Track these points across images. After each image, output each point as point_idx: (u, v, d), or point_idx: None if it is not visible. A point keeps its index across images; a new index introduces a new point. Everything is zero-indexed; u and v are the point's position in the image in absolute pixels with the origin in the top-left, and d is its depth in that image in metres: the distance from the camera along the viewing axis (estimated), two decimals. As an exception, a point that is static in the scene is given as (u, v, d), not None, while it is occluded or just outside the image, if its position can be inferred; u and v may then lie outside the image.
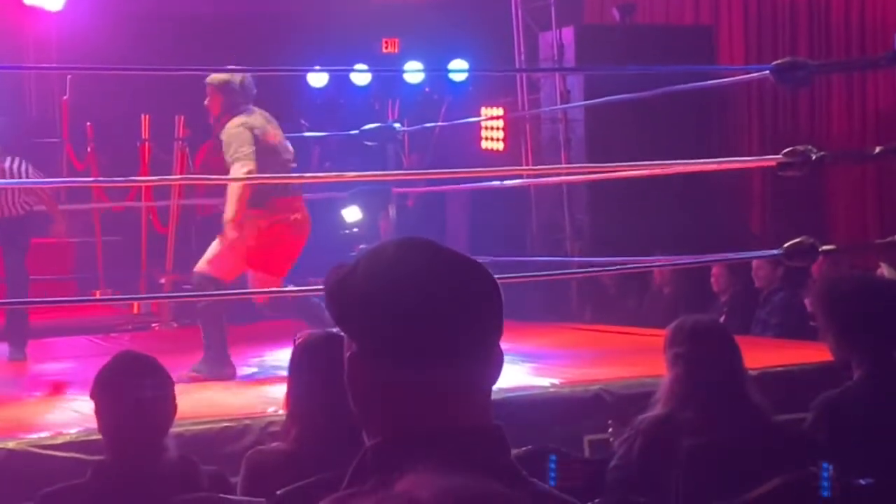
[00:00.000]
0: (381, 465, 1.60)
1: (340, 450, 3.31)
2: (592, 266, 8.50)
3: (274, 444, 3.87)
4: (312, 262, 8.17)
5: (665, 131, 9.28)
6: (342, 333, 1.67)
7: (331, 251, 8.73)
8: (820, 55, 10.04)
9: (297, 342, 3.93)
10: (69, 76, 11.15)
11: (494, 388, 1.68)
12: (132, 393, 3.52)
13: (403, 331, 1.59)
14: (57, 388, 6.79)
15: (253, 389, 6.48)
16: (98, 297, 10.32)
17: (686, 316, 4.52)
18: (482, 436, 1.63)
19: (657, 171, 7.50)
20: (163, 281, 10.32)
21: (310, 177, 6.68)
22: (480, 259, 1.66)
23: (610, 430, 5.32)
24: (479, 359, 1.62)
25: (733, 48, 10.84)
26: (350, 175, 6.93)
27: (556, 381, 6.29)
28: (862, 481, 3.90)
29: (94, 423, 3.79)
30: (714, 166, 7.67)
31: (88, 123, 10.84)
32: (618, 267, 8.19)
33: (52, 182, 9.39)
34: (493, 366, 1.64)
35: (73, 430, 5.26)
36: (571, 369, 6.72)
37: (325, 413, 3.51)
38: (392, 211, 9.76)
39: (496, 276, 1.67)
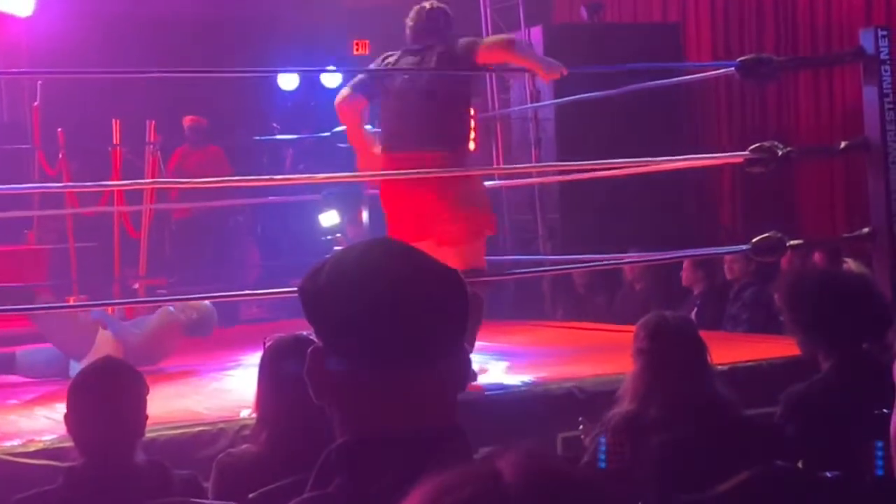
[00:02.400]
0: (344, 466, 1.62)
1: (311, 452, 3.33)
2: (562, 265, 8.53)
3: (244, 447, 3.88)
4: (291, 264, 8.20)
5: (635, 129, 9.32)
6: (310, 335, 1.70)
7: (310, 255, 8.76)
8: (787, 51, 10.10)
9: (265, 345, 3.94)
10: (40, 82, 11.12)
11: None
12: (103, 398, 3.55)
13: (366, 330, 1.60)
14: (30, 395, 6.78)
15: (227, 393, 6.48)
16: (72, 303, 10.30)
17: (652, 313, 4.56)
18: (444, 437, 1.64)
19: (627, 170, 7.54)
20: (136, 286, 10.30)
21: (280, 179, 6.66)
22: None
23: (581, 427, 5.35)
24: (442, 359, 1.63)
25: (700, 45, 10.90)
26: (321, 177, 6.94)
27: (528, 378, 6.31)
28: (829, 474, 3.94)
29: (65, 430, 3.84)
30: (683, 164, 7.71)
31: (59, 129, 10.81)
32: (588, 264, 8.22)
33: (24, 188, 9.37)
34: (458, 367, 1.66)
35: (46, 438, 5.25)
36: (544, 367, 6.74)
37: (294, 415, 3.51)
38: (364, 213, 9.76)
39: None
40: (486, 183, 8.87)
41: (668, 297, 9.00)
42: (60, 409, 5.91)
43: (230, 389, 6.62)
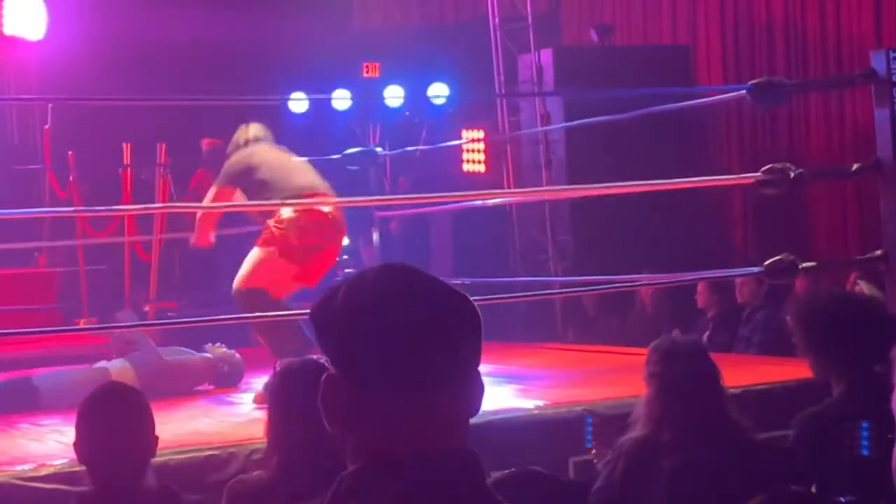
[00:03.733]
0: (357, 492, 1.62)
1: (322, 478, 3.31)
2: (573, 286, 8.51)
3: (255, 473, 3.86)
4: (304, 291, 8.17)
5: (645, 151, 9.30)
6: (321, 360, 1.74)
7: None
8: (797, 74, 10.09)
9: (276, 369, 3.93)
10: (50, 105, 11.14)
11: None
12: (110, 423, 3.53)
13: (381, 356, 1.60)
14: (41, 419, 6.75)
15: (238, 417, 6.47)
16: (82, 325, 10.29)
17: (664, 336, 4.54)
18: (458, 462, 1.63)
19: (637, 189, 7.53)
20: (147, 309, 10.30)
21: (292, 203, 6.65)
22: (464, 280, 1.70)
23: (593, 451, 5.33)
24: (456, 385, 1.63)
25: (711, 67, 10.89)
26: (333, 201, 6.92)
27: (540, 402, 6.28)
28: (843, 499, 3.91)
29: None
30: (694, 184, 7.70)
31: (70, 152, 10.83)
32: (599, 287, 8.20)
33: (34, 213, 9.38)
34: (472, 392, 1.65)
35: (57, 462, 5.21)
36: (555, 390, 6.72)
37: (305, 441, 3.50)
38: (375, 236, 9.77)
39: (480, 297, 1.70)
40: (496, 201, 8.89)
41: (680, 319, 8.96)
42: (71, 433, 5.96)
43: (240, 413, 6.60)
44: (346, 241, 9.83)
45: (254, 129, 7.29)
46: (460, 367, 1.64)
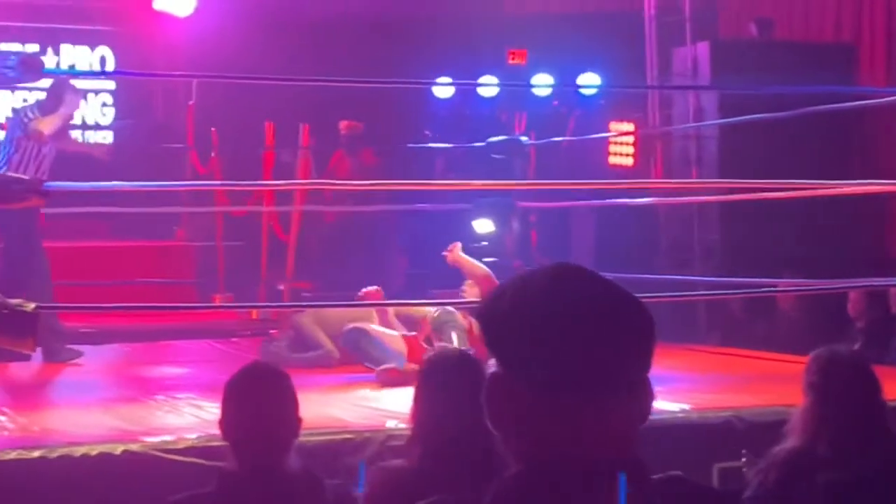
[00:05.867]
0: (520, 496, 1.60)
1: (469, 471, 3.22)
2: (721, 288, 8.28)
3: (397, 462, 3.79)
4: (437, 273, 8.12)
5: (802, 151, 9.01)
6: (473, 353, 1.68)
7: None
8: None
9: (426, 358, 3.89)
10: (195, 80, 11.21)
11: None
12: (258, 402, 3.49)
13: (557, 356, 1.58)
14: (177, 392, 6.77)
15: (373, 402, 6.41)
16: (218, 301, 10.37)
17: (824, 347, 4.38)
18: (624, 469, 1.61)
19: (794, 194, 7.26)
20: (282, 288, 10.30)
21: (437, 183, 6.54)
22: (606, 275, 1.58)
23: (743, 459, 5.18)
24: (628, 390, 1.61)
25: (874, 67, 10.51)
26: (478, 183, 6.80)
27: (685, 406, 6.16)
28: None
29: (213, 429, 3.84)
30: (854, 189, 7.40)
31: (213, 129, 10.88)
32: (747, 290, 7.96)
33: (177, 186, 9.43)
34: (643, 398, 1.63)
35: (193, 435, 5.29)
36: (701, 394, 6.59)
37: (452, 433, 3.46)
38: (515, 224, 9.64)
39: None
40: (643, 200, 8.68)
41: (828, 326, 8.66)
42: (207, 406, 5.97)
43: (375, 398, 6.53)
44: (487, 228, 9.74)
45: None
46: (633, 373, 1.62)
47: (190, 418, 5.90)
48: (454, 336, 7.20)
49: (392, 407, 6.03)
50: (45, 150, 8.00)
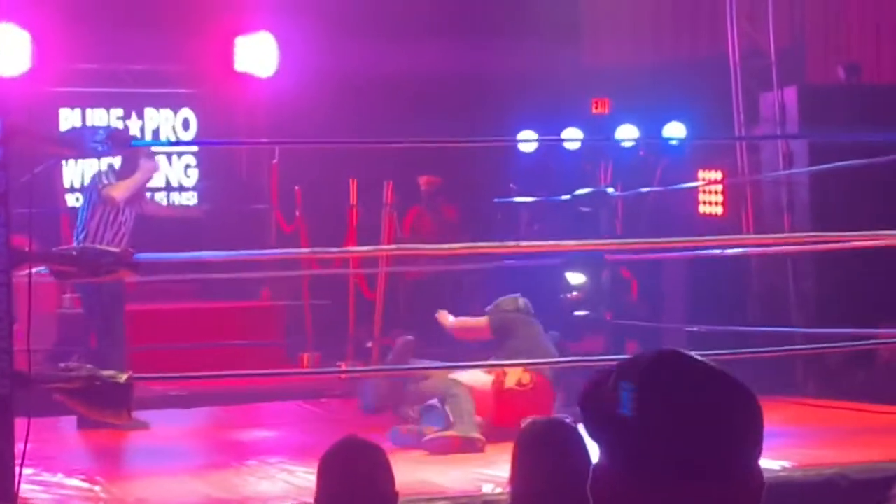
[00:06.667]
0: None
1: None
2: (818, 338, 8.09)
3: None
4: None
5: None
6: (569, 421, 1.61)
7: (553, 315, 8.56)
8: None
9: (522, 426, 3.83)
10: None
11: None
12: (354, 476, 3.43)
13: (664, 451, 1.54)
14: (268, 456, 6.73)
15: (467, 464, 6.31)
16: (306, 360, 10.35)
17: None
18: None
19: (888, 242, 7.08)
20: (370, 345, 10.25)
21: (524, 246, 6.45)
22: (700, 328, 1.50)
23: None
24: (737, 479, 1.55)
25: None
26: (568, 244, 6.70)
27: (786, 463, 6.01)
28: None
29: (306, 496, 3.77)
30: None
31: (297, 187, 10.90)
32: (846, 344, 7.75)
33: (264, 254, 9.45)
34: (753, 487, 1.57)
35: None
36: (801, 450, 6.42)
37: (549, 500, 3.41)
38: (605, 276, 9.51)
39: (719, 351, 1.56)
40: (733, 251, 8.54)
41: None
42: (298, 471, 5.93)
43: (469, 460, 6.42)
44: (580, 280, 9.63)
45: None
46: (745, 459, 1.56)
47: (282, 484, 5.87)
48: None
49: (486, 471, 5.94)
50: (122, 217, 8.01)
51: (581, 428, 1.62)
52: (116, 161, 8.10)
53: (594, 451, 1.60)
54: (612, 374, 1.61)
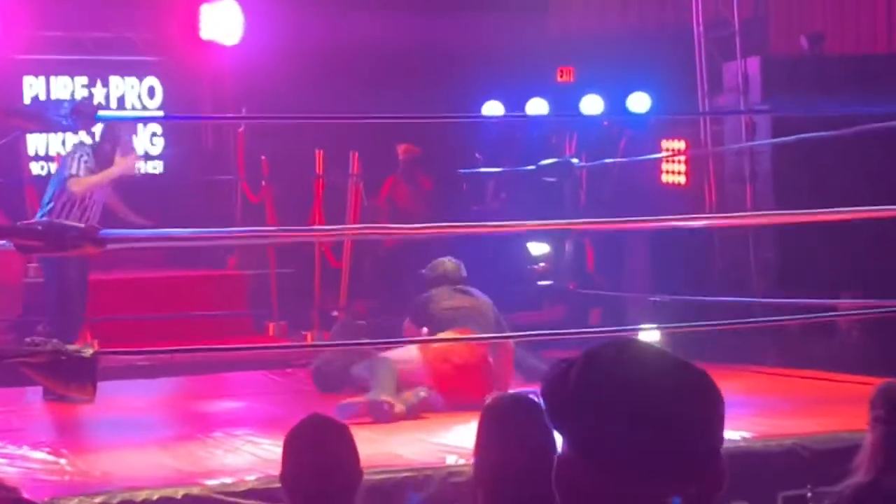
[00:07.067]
0: None
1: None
2: (778, 308, 8.17)
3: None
4: (500, 297, 8.05)
5: (859, 168, 8.87)
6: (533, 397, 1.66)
7: (517, 285, 8.58)
8: None
9: (486, 404, 3.85)
10: (244, 108, 11.24)
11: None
12: (318, 458, 3.45)
13: (624, 440, 1.55)
14: (234, 428, 6.75)
15: (429, 436, 6.35)
16: (271, 332, 10.38)
17: (892, 379, 4.29)
18: None
19: (850, 216, 7.13)
20: (335, 314, 10.27)
21: (493, 225, 6.51)
22: (661, 298, 1.54)
23: (809, 495, 5.13)
24: (700, 472, 1.57)
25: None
26: (531, 224, 6.75)
27: (747, 434, 6.05)
28: None
29: (272, 469, 4.00)
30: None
31: (263, 157, 10.88)
32: (807, 315, 7.83)
33: (229, 232, 9.40)
34: (716, 476, 1.58)
35: (252, 477, 5.29)
36: (762, 420, 6.45)
37: (511, 479, 3.41)
38: (568, 246, 9.57)
39: (680, 324, 1.58)
40: (695, 224, 8.58)
41: (890, 347, 8.50)
42: (264, 443, 5.96)
43: (432, 433, 6.46)
44: (543, 250, 9.69)
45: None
46: (707, 454, 1.58)
47: (248, 457, 5.88)
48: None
49: (451, 442, 5.98)
50: (90, 201, 7.98)
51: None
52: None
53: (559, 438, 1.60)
54: (572, 364, 1.61)
